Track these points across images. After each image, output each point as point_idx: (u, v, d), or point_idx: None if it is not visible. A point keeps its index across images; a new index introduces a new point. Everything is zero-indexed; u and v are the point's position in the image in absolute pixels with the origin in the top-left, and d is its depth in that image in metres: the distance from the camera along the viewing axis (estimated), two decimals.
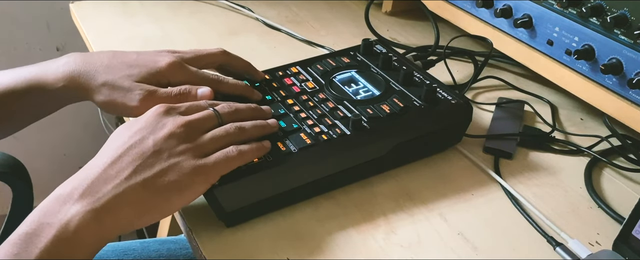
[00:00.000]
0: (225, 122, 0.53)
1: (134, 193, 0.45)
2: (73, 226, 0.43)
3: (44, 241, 0.42)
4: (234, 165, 0.50)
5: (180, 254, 0.83)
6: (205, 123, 0.52)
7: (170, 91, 0.56)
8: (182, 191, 0.47)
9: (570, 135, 0.70)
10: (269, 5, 0.99)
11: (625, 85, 0.62)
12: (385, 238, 0.53)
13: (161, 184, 0.46)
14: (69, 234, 0.42)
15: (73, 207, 0.44)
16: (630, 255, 0.51)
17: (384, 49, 0.70)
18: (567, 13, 0.67)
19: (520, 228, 0.56)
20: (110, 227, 0.45)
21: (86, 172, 0.46)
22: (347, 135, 0.56)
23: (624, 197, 0.61)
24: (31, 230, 0.42)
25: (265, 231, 0.53)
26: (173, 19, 0.92)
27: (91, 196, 0.44)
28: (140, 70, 0.57)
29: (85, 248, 0.44)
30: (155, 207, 0.47)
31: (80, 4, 0.94)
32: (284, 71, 0.66)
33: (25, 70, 0.58)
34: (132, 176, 0.46)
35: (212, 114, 0.52)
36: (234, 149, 0.50)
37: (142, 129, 0.49)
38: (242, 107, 0.55)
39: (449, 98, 0.62)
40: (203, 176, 0.48)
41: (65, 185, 0.46)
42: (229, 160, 0.49)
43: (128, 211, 0.45)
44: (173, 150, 0.48)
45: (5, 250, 0.42)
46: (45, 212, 0.44)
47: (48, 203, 0.44)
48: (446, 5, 0.84)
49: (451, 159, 0.64)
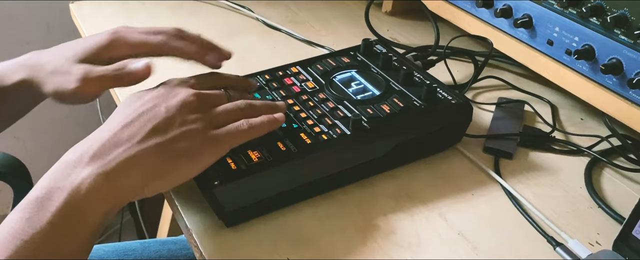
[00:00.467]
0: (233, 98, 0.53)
1: (145, 157, 0.45)
2: (84, 189, 0.42)
3: (56, 205, 0.41)
4: (244, 137, 0.50)
5: (180, 255, 0.83)
6: (216, 98, 0.51)
7: (107, 67, 0.52)
8: (193, 159, 0.47)
9: (570, 135, 0.70)
10: (269, 5, 0.99)
11: (625, 85, 0.62)
12: (385, 238, 0.53)
13: (173, 149, 0.46)
14: (80, 197, 0.42)
15: (84, 171, 0.43)
16: (630, 255, 0.51)
17: (384, 49, 0.70)
18: (567, 13, 0.67)
19: (520, 228, 0.56)
20: (121, 190, 0.44)
21: (96, 136, 0.46)
22: (347, 135, 0.56)
23: (624, 197, 0.61)
24: (42, 194, 0.42)
25: (265, 231, 0.53)
26: (173, 19, 0.92)
27: (102, 159, 0.44)
28: (83, 49, 0.54)
29: (96, 212, 0.43)
30: (166, 172, 0.46)
31: (80, 4, 0.94)
32: (284, 71, 0.66)
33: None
34: (144, 140, 0.45)
35: (222, 93, 0.53)
36: (244, 122, 0.50)
37: (155, 97, 0.49)
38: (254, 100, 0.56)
39: (449, 98, 0.62)
40: (213, 146, 0.48)
41: (74, 150, 0.45)
42: (239, 132, 0.49)
43: (139, 175, 0.45)
44: (185, 118, 0.47)
45: (16, 215, 0.41)
46: (55, 177, 0.43)
47: (58, 167, 0.44)
48: (446, 5, 0.84)
49: (451, 159, 0.64)
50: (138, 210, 1.44)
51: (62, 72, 0.52)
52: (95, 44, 0.54)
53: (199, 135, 0.47)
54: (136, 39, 0.55)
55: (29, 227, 0.40)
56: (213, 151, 0.48)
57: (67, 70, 0.52)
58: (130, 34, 0.55)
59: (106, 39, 0.54)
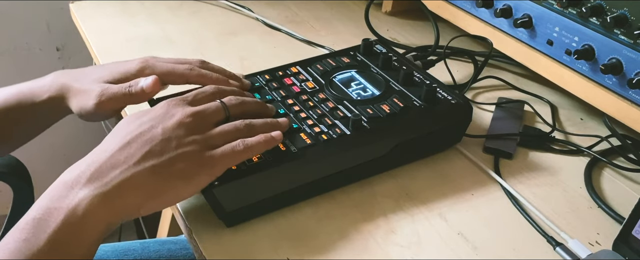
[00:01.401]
0: (231, 114, 0.53)
1: (141, 178, 0.46)
2: (81, 210, 0.43)
3: (53, 226, 0.42)
4: (240, 158, 0.50)
5: (180, 254, 0.83)
6: (213, 115, 0.52)
7: (121, 85, 0.56)
8: (188, 180, 0.48)
9: (570, 135, 0.70)
10: (269, 5, 0.99)
11: (625, 85, 0.62)
12: (385, 238, 0.53)
13: (169, 171, 0.47)
14: (77, 218, 0.43)
15: (81, 192, 0.44)
16: (630, 255, 0.51)
17: (384, 49, 0.70)
18: (567, 13, 0.67)
19: (520, 228, 0.56)
20: (117, 211, 0.45)
21: (93, 157, 0.47)
22: (347, 135, 0.56)
23: (624, 197, 0.61)
24: (39, 215, 0.43)
25: (265, 231, 0.53)
26: (173, 19, 0.92)
27: (99, 180, 0.45)
28: (110, 72, 0.58)
29: (93, 232, 0.44)
30: (162, 193, 0.47)
31: (80, 4, 0.94)
32: (284, 71, 0.66)
33: (12, 87, 0.59)
34: (141, 162, 0.46)
35: (219, 106, 0.53)
36: (240, 143, 0.50)
37: (152, 119, 0.49)
38: (248, 99, 0.56)
39: (449, 98, 0.62)
40: (208, 168, 0.48)
41: (71, 171, 0.46)
42: (235, 153, 0.49)
43: (135, 196, 0.46)
44: (182, 140, 0.48)
45: (14, 236, 0.42)
46: (52, 197, 0.44)
47: (55, 188, 0.45)
48: (446, 5, 0.84)
49: (451, 159, 0.64)
50: None
51: (85, 90, 0.56)
52: (124, 69, 0.58)
53: (195, 157, 0.48)
54: (164, 68, 0.58)
55: (26, 248, 0.41)
56: (208, 172, 0.48)
57: (89, 89, 0.56)
58: (158, 63, 0.59)
59: (136, 66, 0.58)
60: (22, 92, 0.58)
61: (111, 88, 0.55)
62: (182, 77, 0.58)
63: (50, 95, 0.57)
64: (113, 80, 0.57)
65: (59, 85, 0.57)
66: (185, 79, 0.58)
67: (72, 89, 0.57)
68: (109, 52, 0.82)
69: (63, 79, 0.58)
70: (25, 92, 0.58)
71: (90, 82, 0.57)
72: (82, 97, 0.56)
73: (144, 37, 0.86)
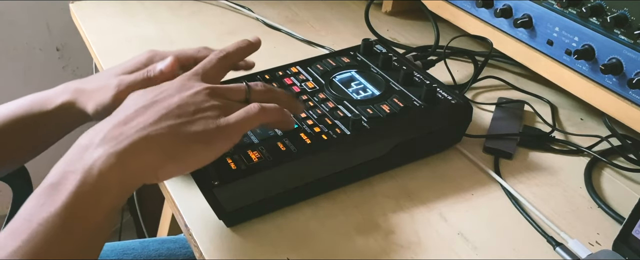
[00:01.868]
0: (253, 98, 0.52)
1: (158, 137, 0.44)
2: (96, 170, 0.42)
3: (69, 188, 0.41)
4: (255, 120, 0.49)
5: (179, 254, 0.83)
6: (232, 93, 0.51)
7: (138, 73, 0.55)
8: (207, 145, 0.46)
9: (570, 135, 0.70)
10: (269, 5, 0.99)
11: (625, 85, 0.62)
12: (385, 238, 0.53)
13: (186, 132, 0.45)
14: (92, 179, 0.42)
15: (95, 152, 0.43)
16: (630, 255, 0.51)
17: (384, 49, 0.70)
18: (567, 13, 0.67)
19: (520, 228, 0.56)
20: (134, 171, 0.44)
21: (109, 120, 0.46)
22: (347, 135, 0.56)
23: (624, 197, 0.61)
24: (56, 180, 0.42)
25: (265, 231, 0.53)
26: (173, 19, 0.92)
27: (113, 139, 0.44)
28: (123, 68, 0.57)
29: (110, 193, 0.43)
30: (180, 156, 0.45)
31: (80, 4, 0.94)
32: (284, 71, 0.66)
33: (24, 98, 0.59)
34: (158, 122, 0.45)
35: (242, 86, 0.52)
36: (256, 105, 0.49)
37: (167, 89, 0.49)
38: (278, 90, 0.55)
39: (449, 98, 0.62)
40: (226, 133, 0.47)
41: (87, 133, 0.45)
42: (250, 116, 0.48)
43: (152, 156, 0.44)
44: (200, 105, 0.47)
45: (31, 202, 0.42)
46: (67, 162, 0.43)
47: (71, 153, 0.44)
48: (446, 5, 0.84)
49: (451, 159, 0.64)
50: (138, 209, 1.44)
51: (100, 87, 0.55)
52: (134, 62, 0.58)
53: (212, 122, 0.47)
54: (172, 52, 0.58)
55: (44, 211, 0.40)
56: (226, 137, 0.47)
57: (105, 84, 0.55)
58: (165, 51, 0.59)
59: (145, 57, 0.58)
60: (34, 101, 0.57)
61: (128, 77, 0.55)
62: (191, 59, 0.58)
63: (63, 100, 0.56)
64: (126, 73, 0.56)
65: (72, 90, 0.57)
66: (194, 61, 0.57)
67: (86, 90, 0.56)
68: (109, 52, 0.82)
69: (74, 84, 0.58)
70: (36, 100, 0.57)
71: (105, 79, 0.56)
72: (98, 93, 0.55)
73: (144, 37, 0.86)
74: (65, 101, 0.56)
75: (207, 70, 0.52)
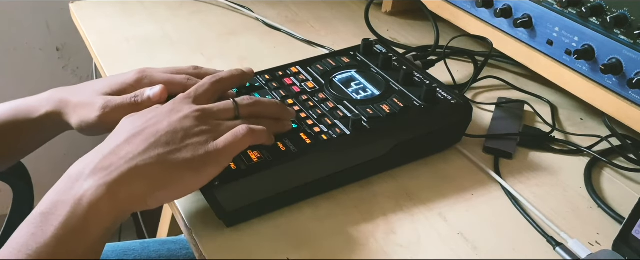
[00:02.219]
0: (241, 114, 0.53)
1: (147, 167, 0.45)
2: (86, 201, 0.43)
3: (59, 219, 0.42)
4: (244, 143, 0.49)
5: (180, 254, 0.83)
6: (222, 112, 0.52)
7: (126, 96, 0.56)
8: (196, 171, 0.47)
9: (570, 135, 0.70)
10: (269, 5, 0.99)
11: (625, 85, 0.62)
12: (385, 238, 0.53)
13: (175, 160, 0.46)
14: (82, 209, 0.43)
15: (86, 183, 0.44)
16: (630, 255, 0.51)
17: (384, 49, 0.70)
18: (567, 13, 0.67)
19: (520, 228, 0.56)
20: (123, 201, 0.44)
21: (98, 150, 0.47)
22: (347, 135, 0.56)
23: (624, 197, 0.61)
24: (46, 209, 0.43)
25: (265, 231, 0.53)
26: (173, 19, 0.92)
27: (103, 170, 0.44)
28: (109, 84, 0.57)
29: (99, 223, 0.43)
30: (169, 184, 0.46)
31: (80, 4, 0.94)
32: (284, 71, 0.66)
33: (9, 103, 0.59)
34: (146, 151, 0.46)
35: (230, 104, 0.53)
36: (243, 127, 0.49)
37: (157, 115, 0.49)
38: (265, 101, 0.55)
39: (449, 98, 0.62)
40: (215, 158, 0.48)
41: (77, 164, 0.46)
42: (238, 139, 0.49)
43: (141, 185, 0.45)
44: (188, 131, 0.48)
45: (22, 230, 0.42)
46: (58, 191, 0.44)
47: (61, 182, 0.45)
48: (446, 5, 0.84)
49: (451, 159, 0.64)
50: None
51: (85, 104, 0.55)
52: (122, 81, 0.58)
53: (201, 147, 0.47)
54: (161, 78, 0.58)
55: (33, 241, 0.41)
56: (215, 162, 0.48)
57: (91, 102, 0.55)
58: (155, 74, 0.58)
59: (133, 77, 0.58)
60: (19, 108, 0.58)
61: (115, 99, 0.55)
62: (180, 86, 0.57)
63: (48, 110, 0.57)
64: (112, 92, 0.57)
65: (57, 101, 0.57)
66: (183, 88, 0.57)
67: (71, 103, 0.56)
68: (109, 52, 0.82)
69: (60, 94, 0.57)
70: (21, 108, 0.58)
71: (90, 95, 0.56)
72: (83, 110, 0.55)
73: (144, 37, 0.86)
74: (50, 111, 0.57)
75: (199, 95, 0.53)
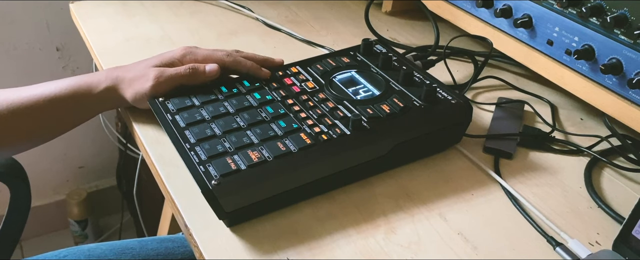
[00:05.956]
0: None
1: None
2: None
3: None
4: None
5: (178, 252, 0.83)
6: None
7: (179, 67, 0.64)
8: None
9: (570, 135, 0.70)
10: (269, 5, 0.99)
11: (625, 85, 0.62)
12: (385, 238, 0.53)
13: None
14: None
15: None
16: (630, 255, 0.51)
17: (384, 49, 0.70)
18: (567, 13, 0.67)
19: (520, 228, 0.56)
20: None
21: None
22: (347, 135, 0.56)
23: (624, 197, 0.61)
24: None
25: (265, 231, 0.53)
26: (173, 19, 0.92)
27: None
28: (159, 59, 0.65)
29: None
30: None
31: (80, 4, 0.94)
32: (284, 71, 0.66)
33: (70, 79, 0.65)
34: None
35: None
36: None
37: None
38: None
39: (449, 98, 0.62)
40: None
41: None
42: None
43: None
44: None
45: None
46: None
47: None
48: (446, 5, 0.84)
49: (451, 159, 0.64)
50: (138, 209, 1.44)
51: (140, 76, 0.63)
52: (170, 56, 0.66)
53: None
54: (204, 54, 0.66)
55: None
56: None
57: (145, 74, 0.63)
58: (198, 50, 0.67)
59: (180, 53, 0.66)
60: (79, 84, 0.64)
61: (168, 70, 0.63)
62: (219, 62, 0.65)
63: (107, 85, 0.63)
64: (162, 65, 0.64)
65: (114, 77, 0.64)
66: (222, 64, 0.65)
67: (126, 79, 0.63)
68: (108, 51, 0.82)
69: (116, 72, 0.65)
70: (81, 84, 0.64)
71: (144, 69, 0.63)
72: (138, 82, 0.63)
73: (144, 37, 0.86)
74: (108, 87, 0.63)
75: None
